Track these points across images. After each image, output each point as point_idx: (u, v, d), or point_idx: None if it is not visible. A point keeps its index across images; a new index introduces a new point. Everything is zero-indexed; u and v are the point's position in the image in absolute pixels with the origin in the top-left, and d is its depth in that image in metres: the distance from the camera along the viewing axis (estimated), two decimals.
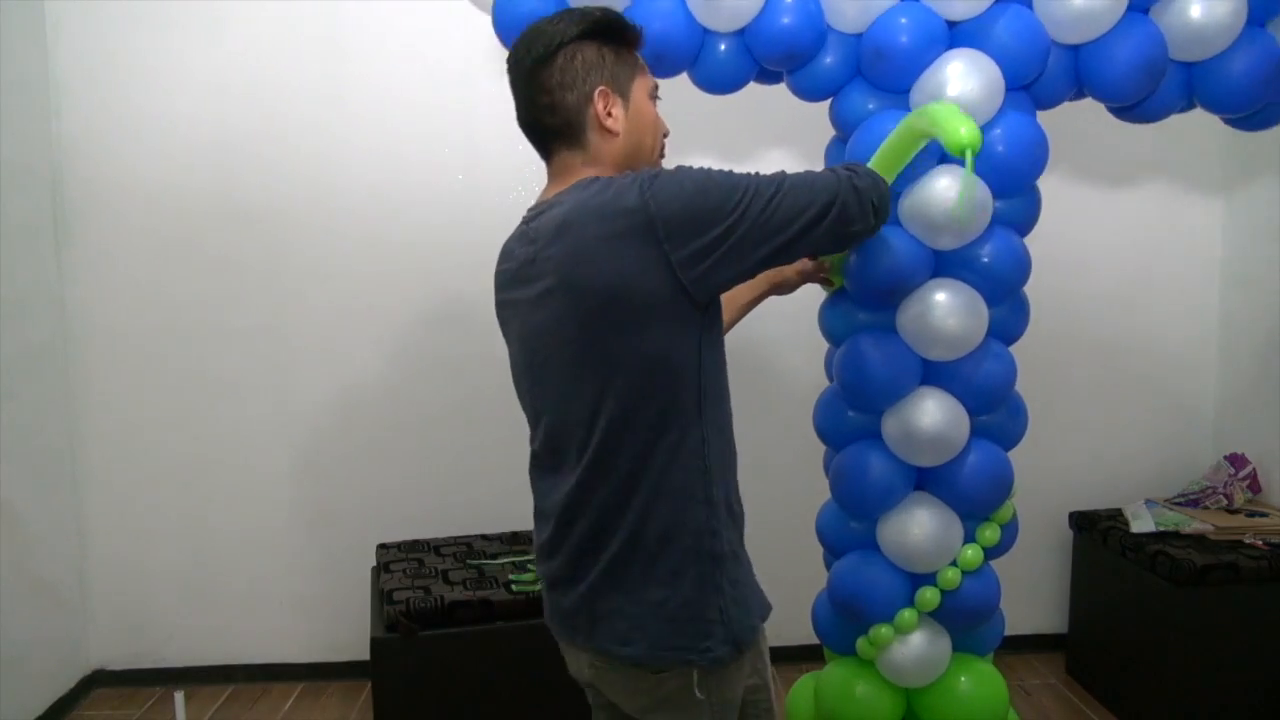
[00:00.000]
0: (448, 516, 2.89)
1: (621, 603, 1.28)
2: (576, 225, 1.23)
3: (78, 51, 2.69)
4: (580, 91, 1.30)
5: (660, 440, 1.24)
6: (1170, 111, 1.83)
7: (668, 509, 1.26)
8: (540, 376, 1.34)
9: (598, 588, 1.29)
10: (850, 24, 1.74)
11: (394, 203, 2.79)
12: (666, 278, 1.19)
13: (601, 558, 1.28)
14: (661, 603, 1.26)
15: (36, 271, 2.69)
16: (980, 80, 1.64)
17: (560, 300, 1.25)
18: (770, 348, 2.90)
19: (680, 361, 1.24)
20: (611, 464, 1.26)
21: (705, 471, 1.27)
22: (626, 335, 1.22)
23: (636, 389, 1.23)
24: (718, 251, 1.20)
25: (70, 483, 2.83)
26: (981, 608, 1.88)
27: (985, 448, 1.82)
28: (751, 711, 1.37)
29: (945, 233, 1.67)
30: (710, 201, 1.20)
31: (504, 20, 1.77)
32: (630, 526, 1.26)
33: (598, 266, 1.21)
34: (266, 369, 2.84)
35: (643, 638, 1.27)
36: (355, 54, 2.74)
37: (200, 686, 2.90)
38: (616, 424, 1.24)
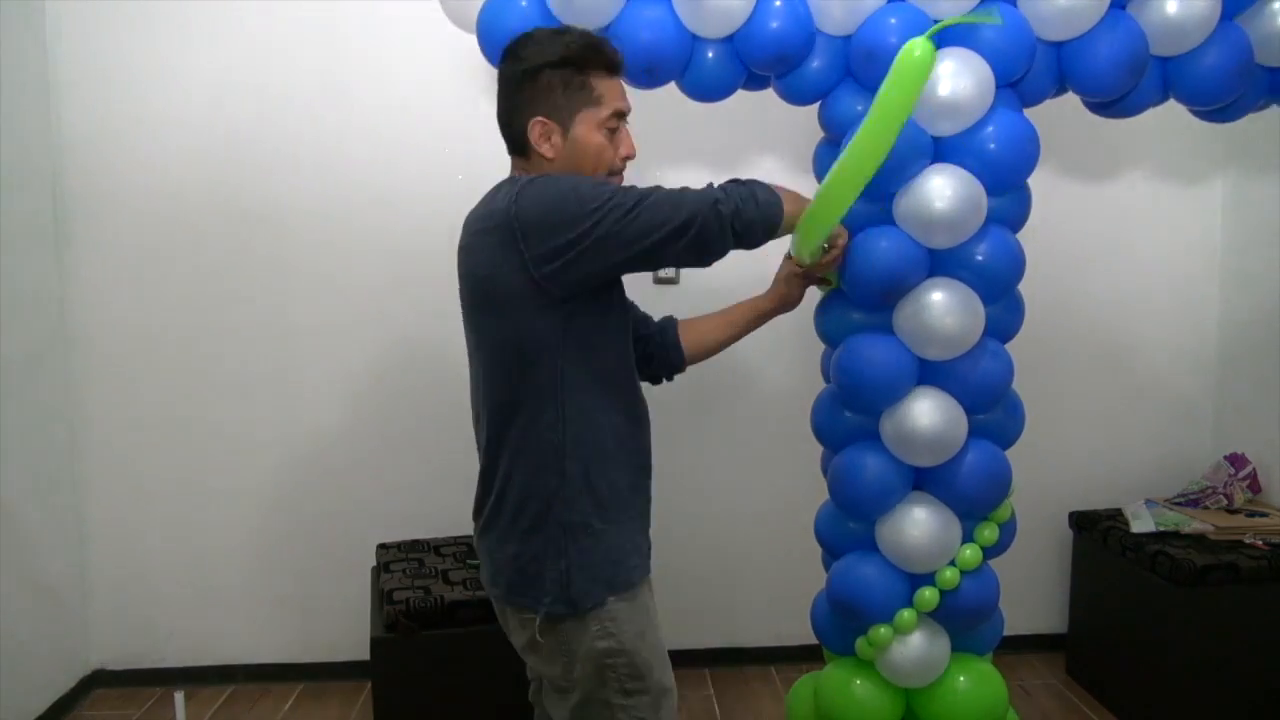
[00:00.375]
0: (448, 516, 2.89)
1: (493, 549, 1.52)
2: (470, 220, 1.51)
3: (78, 51, 2.70)
4: (524, 116, 1.48)
5: (519, 414, 1.46)
6: (1147, 105, 1.85)
7: (523, 476, 1.47)
8: (467, 347, 1.60)
9: (482, 534, 1.55)
10: (838, 26, 1.74)
11: (394, 203, 2.79)
12: (522, 274, 1.39)
13: (486, 506, 1.53)
14: (515, 555, 1.48)
15: (36, 271, 2.69)
16: (972, 79, 1.65)
17: (461, 286, 1.54)
18: (768, 349, 2.89)
19: (536, 347, 1.43)
20: (491, 431, 1.50)
21: (559, 447, 1.44)
22: (492, 319, 1.47)
23: (501, 366, 1.47)
24: (569, 254, 1.37)
25: (70, 483, 2.84)
26: (980, 607, 1.88)
27: (983, 447, 1.82)
28: (611, 675, 1.47)
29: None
30: (568, 209, 1.37)
31: (488, 39, 1.77)
32: (499, 487, 1.49)
33: (473, 259, 1.47)
34: (266, 369, 2.84)
35: (503, 581, 1.51)
36: (355, 54, 2.74)
37: (200, 686, 2.90)
38: (491, 396, 1.49)
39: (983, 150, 1.71)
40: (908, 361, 1.76)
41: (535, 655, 1.53)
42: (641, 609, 1.52)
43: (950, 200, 1.66)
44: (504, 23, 1.73)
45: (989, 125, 1.70)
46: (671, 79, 1.83)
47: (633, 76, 1.79)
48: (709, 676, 2.99)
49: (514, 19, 1.72)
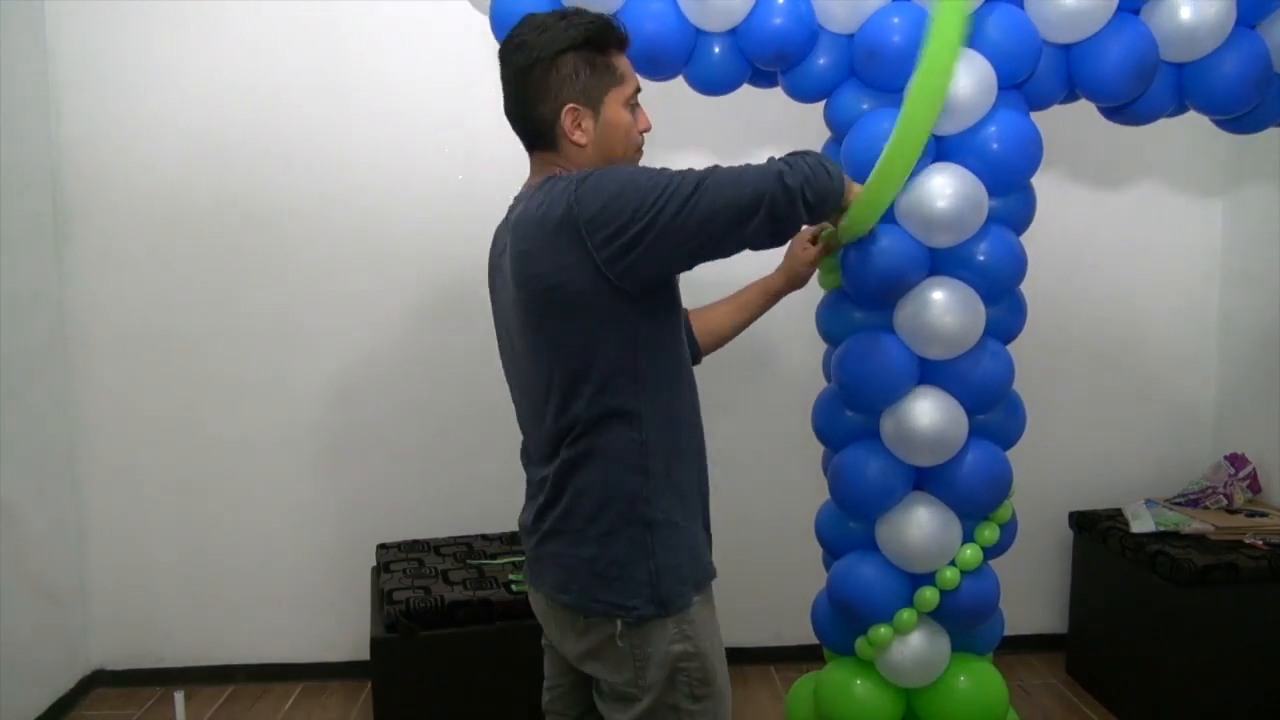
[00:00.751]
0: (448, 516, 2.89)
1: (563, 554, 1.45)
2: (527, 222, 1.37)
3: (78, 51, 2.70)
4: (551, 106, 1.40)
5: (599, 416, 1.39)
6: (1161, 113, 1.83)
7: (601, 477, 1.41)
8: (512, 357, 1.52)
9: (547, 538, 1.48)
10: (842, 24, 1.74)
11: (394, 203, 2.79)
12: (593, 273, 1.32)
13: (553, 513, 1.46)
14: (593, 559, 1.42)
15: (36, 271, 2.69)
16: (974, 78, 1.65)
17: (515, 291, 1.40)
18: (769, 348, 2.90)
19: (614, 347, 1.37)
20: (563, 436, 1.42)
21: (641, 445, 1.40)
22: (563, 323, 1.37)
23: (574, 370, 1.38)
24: (638, 248, 1.30)
25: (70, 483, 2.84)
26: (981, 607, 1.88)
27: (984, 447, 1.82)
28: (683, 679, 1.42)
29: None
30: (629, 202, 1.29)
31: (502, 21, 1.77)
32: (572, 492, 1.43)
33: (537, 262, 1.35)
34: (266, 369, 2.84)
35: (576, 587, 1.43)
36: (355, 53, 2.74)
37: (200, 686, 2.90)
38: (564, 401, 1.40)
39: (984, 150, 1.71)
40: (908, 361, 1.76)
41: (600, 662, 1.45)
42: (712, 609, 1.50)
43: (951, 199, 1.66)
44: (517, 5, 1.72)
45: (991, 125, 1.70)
46: (675, 70, 1.83)
47: (638, 67, 1.79)
48: None
49: (526, 6, 1.71)
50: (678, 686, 1.42)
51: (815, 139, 1.99)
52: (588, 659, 1.47)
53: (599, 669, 1.46)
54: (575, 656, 1.49)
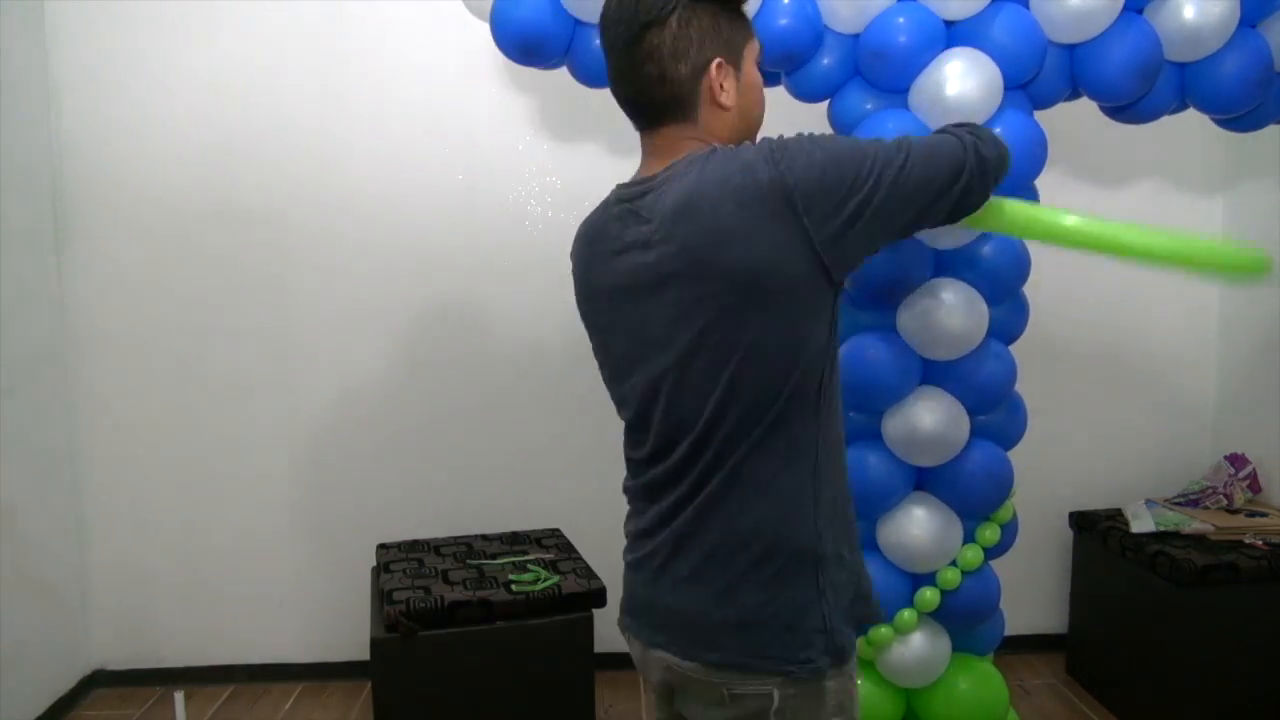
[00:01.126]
0: (448, 516, 2.89)
1: (708, 608, 1.17)
2: (707, 203, 1.10)
3: (78, 51, 2.69)
4: (694, 63, 1.16)
5: (776, 435, 1.14)
6: (1163, 112, 1.83)
7: (772, 509, 1.15)
8: (650, 367, 1.20)
9: (685, 584, 1.18)
10: (847, 25, 1.74)
11: (394, 203, 2.79)
12: (807, 256, 1.09)
13: (698, 554, 1.18)
14: (759, 607, 1.15)
15: (36, 271, 2.69)
16: (979, 79, 1.65)
17: (687, 285, 1.12)
18: None
19: (813, 348, 1.14)
20: (723, 458, 1.15)
21: (816, 469, 1.17)
22: (763, 320, 1.11)
23: (765, 379, 1.13)
24: (857, 225, 1.10)
25: (70, 483, 2.83)
26: (981, 607, 1.88)
27: (985, 447, 1.82)
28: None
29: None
30: (845, 171, 1.10)
31: (503, 28, 1.77)
32: (732, 524, 1.16)
33: (735, 247, 1.09)
34: (266, 369, 2.84)
35: (731, 642, 1.16)
36: (355, 54, 2.74)
37: (200, 686, 2.90)
38: (734, 416, 1.14)
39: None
40: (911, 362, 1.76)
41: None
42: (856, 666, 1.25)
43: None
44: (517, 14, 1.73)
45: (995, 127, 1.70)
46: None
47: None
48: None
49: (527, 10, 1.72)
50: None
51: None
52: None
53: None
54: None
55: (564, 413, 2.91)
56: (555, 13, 1.73)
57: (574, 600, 2.31)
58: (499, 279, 2.84)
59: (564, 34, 1.77)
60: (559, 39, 1.76)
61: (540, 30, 1.74)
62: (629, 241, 1.19)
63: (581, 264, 1.31)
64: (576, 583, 2.36)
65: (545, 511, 2.91)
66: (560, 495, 2.93)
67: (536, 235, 2.83)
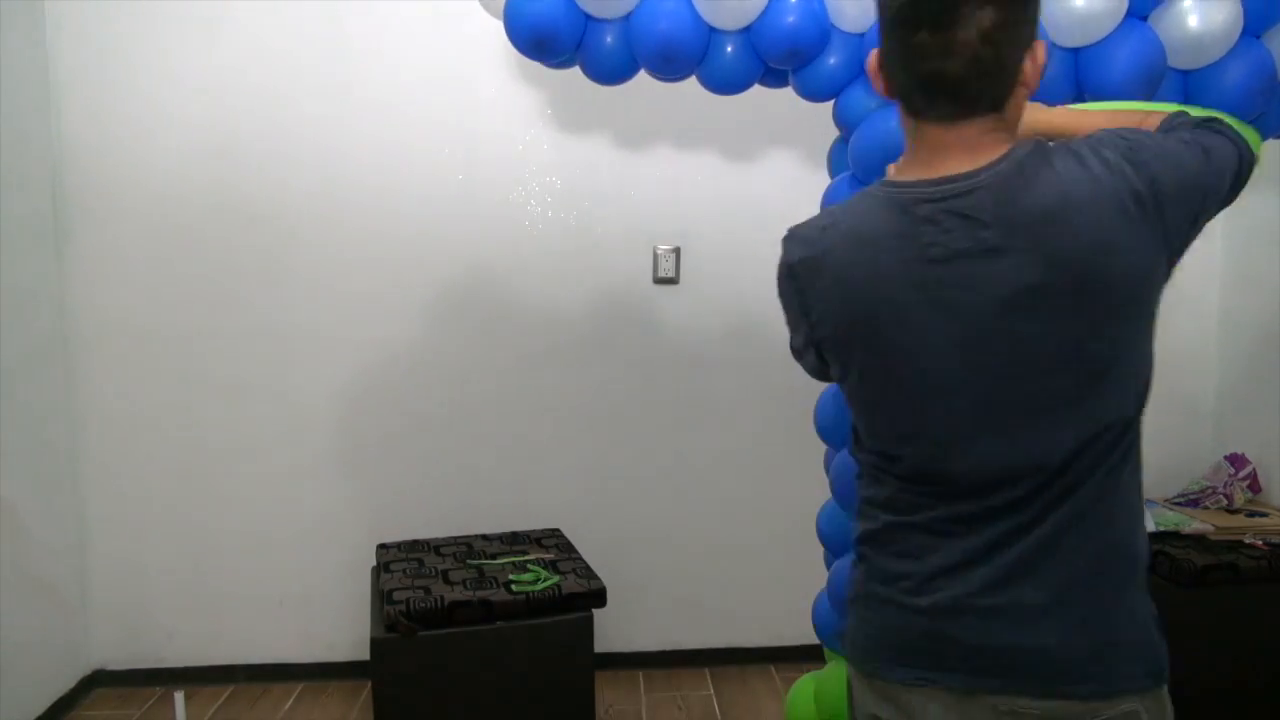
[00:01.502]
0: (448, 516, 2.89)
1: (1079, 632, 1.08)
2: (1083, 208, 1.00)
3: (78, 51, 2.69)
4: (1024, 46, 1.04)
5: (1126, 449, 1.08)
6: None
7: (1131, 519, 1.09)
8: (988, 386, 1.07)
9: (1046, 616, 1.07)
10: (854, 24, 1.75)
11: (394, 203, 2.79)
12: (1163, 262, 1.04)
13: (1056, 580, 1.07)
14: (1127, 622, 1.09)
15: (36, 271, 2.69)
16: None
17: (1057, 297, 1.02)
18: (770, 347, 2.90)
19: (1150, 353, 1.09)
20: (1089, 475, 1.06)
21: (1136, 468, 1.11)
22: (1132, 333, 1.06)
23: (1122, 395, 1.06)
24: (1200, 223, 1.06)
25: (70, 483, 2.83)
26: None
27: None
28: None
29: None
30: (1190, 171, 1.04)
31: (516, 23, 1.78)
32: (1097, 542, 1.07)
33: (1120, 256, 1.01)
34: (266, 369, 2.84)
35: (1102, 670, 1.08)
36: (356, 54, 2.74)
37: (200, 686, 2.90)
38: (1095, 437, 1.05)
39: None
40: None
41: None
42: None
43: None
44: (530, 9, 1.75)
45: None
46: (690, 70, 1.84)
47: (653, 67, 1.81)
48: (709, 676, 2.99)
49: (541, 9, 1.74)
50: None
51: (825, 136, 2.00)
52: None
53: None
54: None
55: (564, 413, 2.91)
56: (568, 8, 1.75)
57: (574, 600, 2.31)
58: (499, 279, 2.84)
59: (576, 29, 1.79)
60: (571, 34, 1.79)
61: (553, 25, 1.75)
62: (958, 249, 1.04)
63: (859, 273, 1.11)
64: (576, 583, 2.36)
65: (545, 511, 2.91)
66: (560, 495, 2.94)
67: (537, 235, 2.83)
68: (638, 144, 2.81)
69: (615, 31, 1.80)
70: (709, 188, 2.84)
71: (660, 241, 2.85)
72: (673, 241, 2.86)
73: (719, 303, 2.89)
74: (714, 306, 2.89)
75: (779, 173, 2.83)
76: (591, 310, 2.86)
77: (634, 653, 3.02)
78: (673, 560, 3.01)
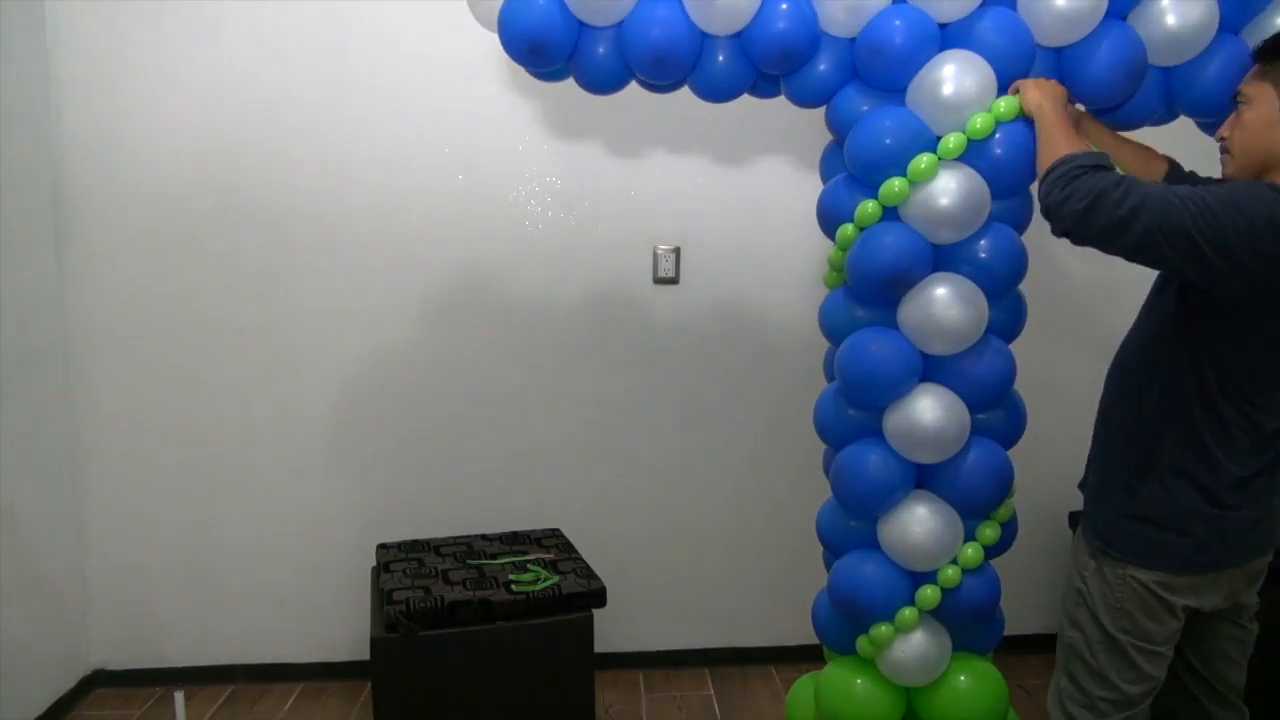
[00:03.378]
0: (448, 516, 2.89)
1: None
2: None
3: (78, 51, 2.69)
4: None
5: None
6: (1150, 117, 1.87)
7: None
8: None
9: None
10: (843, 28, 1.77)
11: (395, 203, 2.79)
12: None
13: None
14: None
15: (36, 271, 2.69)
16: (975, 79, 1.68)
17: None
18: (770, 347, 2.90)
19: None
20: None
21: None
22: None
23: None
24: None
25: (70, 483, 2.83)
26: (982, 606, 1.88)
27: (986, 445, 1.82)
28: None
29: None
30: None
31: (511, 33, 1.79)
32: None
33: None
34: (267, 369, 2.84)
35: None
36: (356, 54, 2.74)
37: (200, 686, 2.90)
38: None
39: (989, 155, 1.73)
40: (912, 357, 1.77)
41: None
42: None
43: (955, 196, 1.68)
44: (524, 18, 1.75)
45: (996, 132, 1.72)
46: (682, 77, 1.85)
47: (646, 74, 1.81)
48: (709, 676, 2.99)
49: (535, 17, 1.75)
50: None
51: (826, 135, 2.00)
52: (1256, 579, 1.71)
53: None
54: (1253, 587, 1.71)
55: (564, 413, 2.91)
56: (562, 16, 1.75)
57: (574, 600, 2.32)
58: (499, 279, 2.84)
59: (570, 36, 1.79)
60: (565, 41, 1.79)
61: (548, 31, 1.76)
62: None
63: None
64: (576, 583, 2.36)
65: (545, 511, 2.91)
66: (560, 495, 2.94)
67: (536, 235, 2.83)
68: (638, 144, 2.81)
69: (608, 40, 1.81)
70: (709, 188, 2.84)
71: (660, 241, 2.85)
72: (673, 241, 2.86)
73: (719, 303, 2.89)
74: (714, 306, 2.89)
75: (779, 173, 2.83)
76: (591, 310, 2.86)
77: (634, 653, 3.02)
78: (672, 560, 3.01)
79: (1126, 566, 1.63)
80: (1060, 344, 2.97)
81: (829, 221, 1.90)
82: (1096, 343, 3.01)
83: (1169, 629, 1.65)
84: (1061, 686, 1.75)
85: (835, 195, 1.88)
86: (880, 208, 1.77)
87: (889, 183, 1.74)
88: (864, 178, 1.79)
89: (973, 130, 1.71)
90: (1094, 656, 1.68)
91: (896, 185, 1.73)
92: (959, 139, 1.71)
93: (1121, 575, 1.64)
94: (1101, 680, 1.67)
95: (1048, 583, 3.07)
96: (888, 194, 1.74)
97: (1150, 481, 1.61)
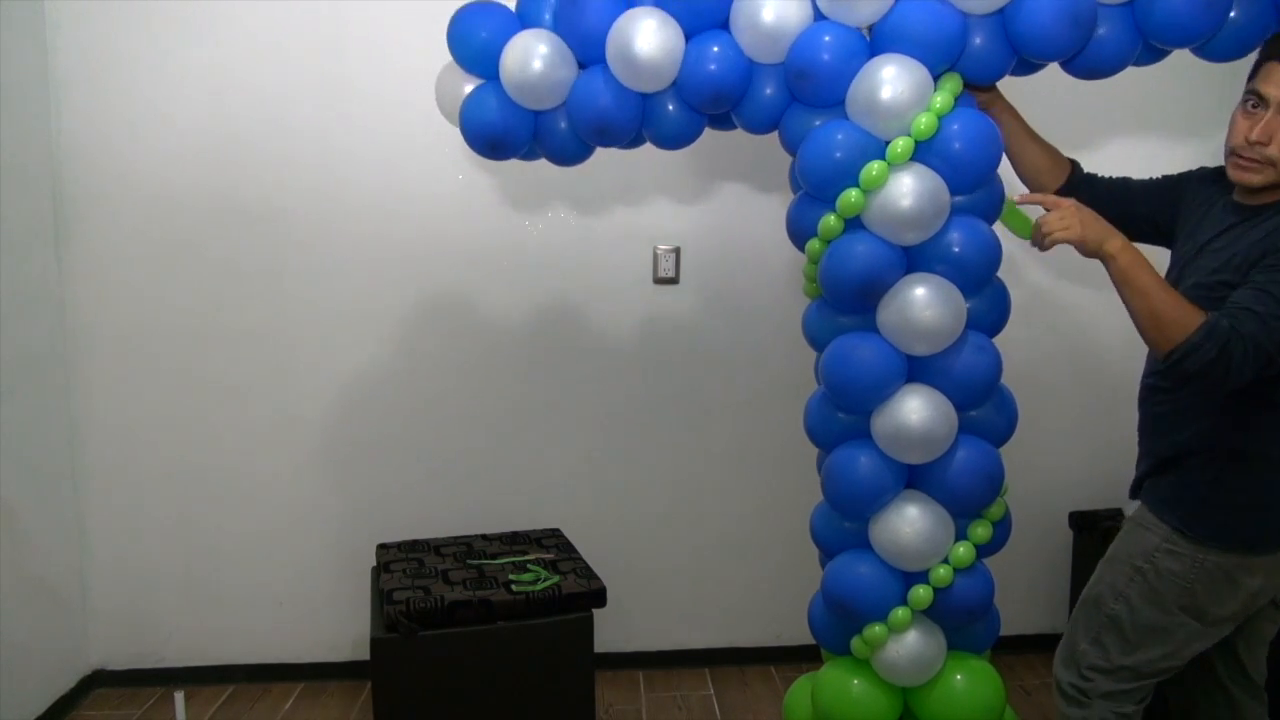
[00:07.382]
0: (448, 516, 2.89)
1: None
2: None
3: (78, 51, 2.70)
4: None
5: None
6: (1127, 59, 1.77)
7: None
8: None
9: None
10: (768, 55, 1.77)
11: (393, 203, 2.79)
12: None
13: None
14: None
15: (36, 271, 2.69)
16: (909, 79, 1.67)
17: None
18: (763, 349, 2.90)
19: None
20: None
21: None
22: None
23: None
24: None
25: (70, 483, 2.84)
26: (975, 605, 1.88)
27: (974, 444, 1.82)
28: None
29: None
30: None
31: (471, 129, 1.86)
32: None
33: None
34: (266, 369, 2.84)
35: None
36: (355, 54, 2.74)
37: (200, 686, 2.90)
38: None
39: (946, 150, 1.72)
40: (895, 359, 1.77)
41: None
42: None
43: (914, 197, 1.68)
44: (480, 116, 1.84)
45: (954, 124, 1.71)
46: (630, 137, 1.89)
47: (591, 140, 1.87)
48: (709, 676, 2.99)
49: (490, 115, 1.83)
50: None
51: None
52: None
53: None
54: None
55: (565, 413, 2.91)
56: (515, 109, 1.82)
57: (574, 600, 2.32)
58: (499, 279, 2.84)
59: (526, 126, 1.86)
60: (522, 131, 1.86)
61: (503, 127, 1.84)
62: None
63: None
64: (576, 583, 2.36)
65: (545, 511, 2.92)
66: (560, 495, 2.94)
67: (537, 235, 2.83)
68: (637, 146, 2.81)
69: (567, 118, 1.85)
70: (709, 188, 2.84)
71: (660, 241, 2.86)
72: (673, 241, 2.86)
73: (719, 303, 2.89)
74: (714, 306, 2.89)
75: (779, 172, 2.82)
76: (592, 310, 2.87)
77: (634, 653, 3.02)
78: (672, 560, 3.01)
79: (1206, 549, 1.68)
80: (1060, 341, 2.96)
81: (797, 237, 1.92)
82: (1097, 340, 3.02)
83: (1228, 611, 1.70)
84: (1081, 650, 1.80)
85: (799, 211, 1.88)
86: (841, 220, 1.77)
87: (845, 194, 1.73)
88: (819, 194, 1.78)
89: (918, 131, 1.70)
90: (1134, 630, 1.74)
91: (853, 196, 1.72)
92: (906, 142, 1.70)
93: (1200, 558, 1.68)
94: (1134, 652, 1.74)
95: (1047, 582, 3.07)
96: (845, 205, 1.74)
97: (1237, 465, 1.67)
